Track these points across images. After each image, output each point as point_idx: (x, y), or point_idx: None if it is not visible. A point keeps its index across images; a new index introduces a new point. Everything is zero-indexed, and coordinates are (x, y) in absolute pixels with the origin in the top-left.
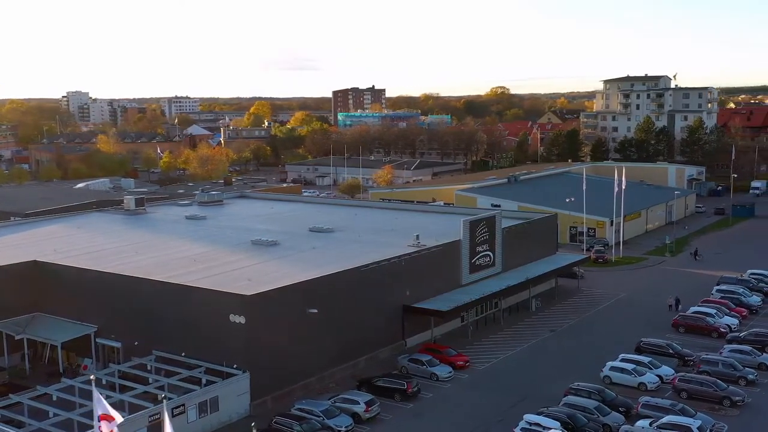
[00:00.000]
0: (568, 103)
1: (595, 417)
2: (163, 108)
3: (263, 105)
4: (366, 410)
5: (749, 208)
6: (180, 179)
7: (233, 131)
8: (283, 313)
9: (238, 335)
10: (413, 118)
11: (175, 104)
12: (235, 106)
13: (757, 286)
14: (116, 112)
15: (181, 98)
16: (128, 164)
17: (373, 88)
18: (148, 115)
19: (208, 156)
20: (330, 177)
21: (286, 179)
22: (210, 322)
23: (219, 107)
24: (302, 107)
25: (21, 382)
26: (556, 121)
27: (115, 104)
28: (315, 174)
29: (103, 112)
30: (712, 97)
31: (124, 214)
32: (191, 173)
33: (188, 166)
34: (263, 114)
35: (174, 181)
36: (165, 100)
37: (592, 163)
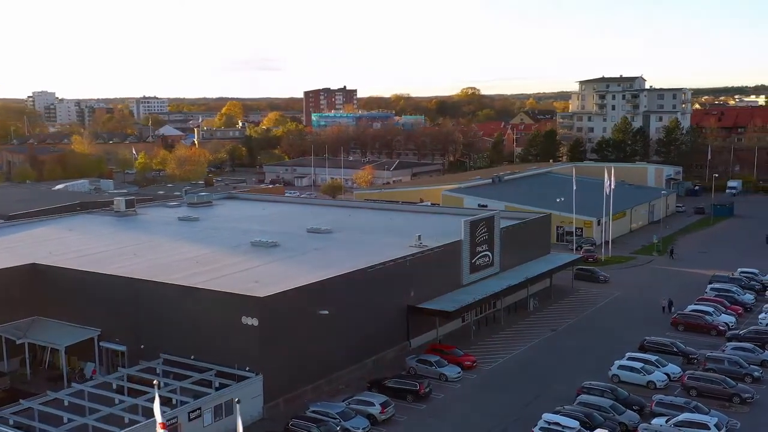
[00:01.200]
0: (536, 104)
1: (611, 416)
2: (131, 108)
3: (235, 105)
4: (381, 411)
5: (729, 207)
6: (157, 180)
7: (207, 132)
8: (295, 315)
9: (250, 337)
10: (387, 118)
11: (143, 104)
12: (203, 106)
13: (748, 284)
14: (84, 113)
15: (150, 98)
16: (103, 165)
17: (344, 89)
18: (116, 115)
19: (186, 157)
20: (309, 178)
21: (264, 180)
22: (221, 324)
23: (187, 107)
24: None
25: (22, 387)
26: (528, 121)
27: (82, 104)
28: (293, 175)
29: (70, 112)
30: (686, 98)
31: (114, 215)
32: (169, 174)
33: (166, 167)
34: (235, 114)
35: (151, 182)
36: (133, 101)
37: (573, 163)
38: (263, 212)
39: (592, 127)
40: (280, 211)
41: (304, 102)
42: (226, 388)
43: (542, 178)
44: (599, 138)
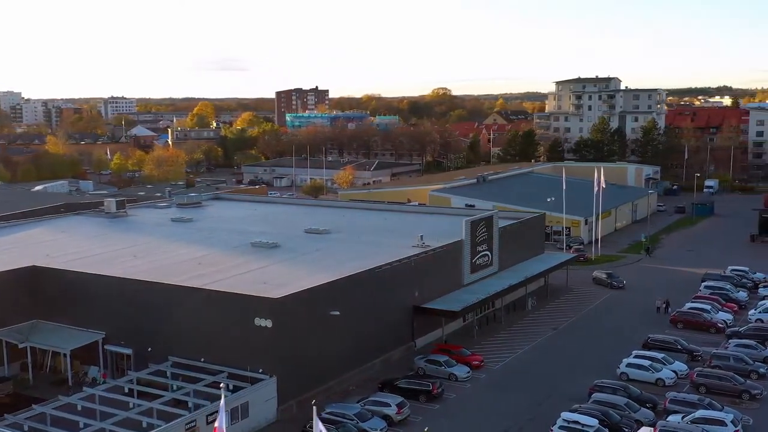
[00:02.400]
0: (506, 105)
1: (626, 413)
2: (99, 108)
3: (206, 106)
4: (398, 412)
5: (709, 206)
6: (134, 181)
7: (181, 132)
8: (307, 316)
9: (264, 339)
10: (362, 119)
11: (111, 105)
12: (171, 107)
13: (740, 282)
14: (50, 113)
15: (118, 99)
16: (78, 166)
17: (316, 89)
18: (85, 115)
19: (164, 157)
20: (288, 178)
21: (242, 181)
22: (232, 326)
23: (155, 108)
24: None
25: (25, 392)
26: (501, 122)
27: (49, 105)
28: (272, 175)
29: (37, 112)
30: (661, 99)
31: (105, 217)
32: (147, 175)
33: (143, 167)
34: (207, 115)
35: (128, 182)
36: (99, 101)
37: (553, 163)
38: (254, 213)
39: (568, 127)
40: (271, 212)
41: (275, 102)
42: (241, 391)
43: (525, 177)
44: (576, 138)
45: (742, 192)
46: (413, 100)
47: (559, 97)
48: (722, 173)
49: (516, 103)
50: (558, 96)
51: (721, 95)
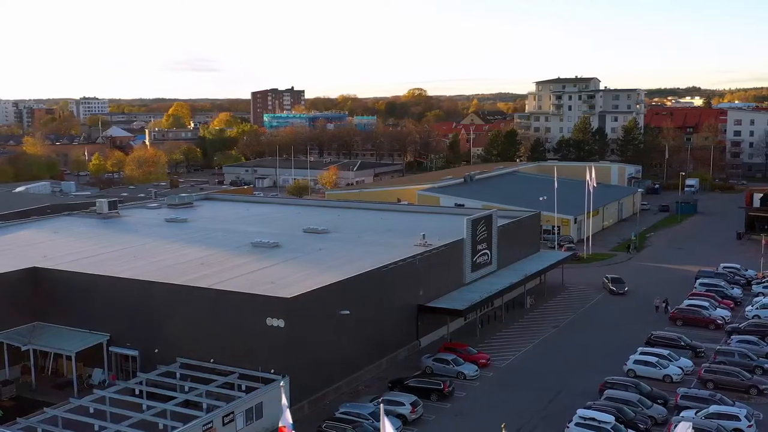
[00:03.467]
0: (481, 105)
1: (639, 410)
2: (71, 109)
3: (182, 106)
4: (412, 411)
5: (693, 205)
6: (115, 182)
7: (158, 133)
8: (319, 315)
9: (276, 339)
10: (341, 119)
11: (84, 105)
12: (144, 107)
13: (733, 279)
14: (22, 114)
15: (90, 99)
16: (56, 167)
17: (292, 89)
18: (58, 116)
19: (145, 158)
20: (270, 179)
21: (223, 181)
22: (244, 326)
23: (128, 108)
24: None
25: (29, 395)
26: (479, 122)
27: (20, 105)
28: (254, 176)
29: (8, 113)
30: (640, 99)
31: (97, 217)
32: (127, 176)
33: (124, 168)
34: (183, 115)
35: (109, 183)
36: (71, 101)
37: (537, 162)
38: (248, 213)
39: (549, 127)
40: (265, 212)
41: (251, 102)
42: (255, 391)
43: (510, 177)
44: (557, 138)
45: (721, 191)
46: (390, 100)
47: (539, 97)
48: (701, 172)
49: (489, 104)
50: (538, 96)
51: (691, 96)
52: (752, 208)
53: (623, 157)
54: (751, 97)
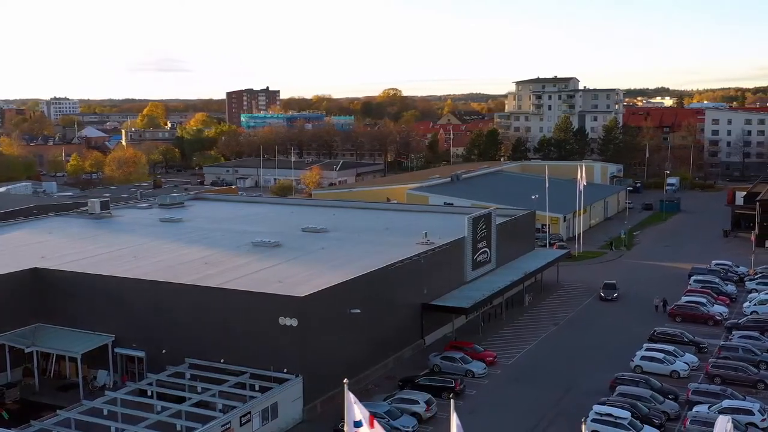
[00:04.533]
0: (456, 105)
1: (652, 405)
2: (42, 109)
3: (157, 106)
4: (426, 409)
5: (676, 203)
6: (94, 182)
7: (135, 133)
8: (330, 314)
9: (289, 338)
10: (319, 119)
11: (54, 105)
12: (115, 108)
13: (726, 276)
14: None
15: (61, 99)
16: (34, 167)
17: (267, 90)
18: (29, 116)
19: (125, 158)
20: (252, 179)
21: (204, 182)
22: (255, 325)
23: (100, 108)
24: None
25: (32, 398)
26: (455, 122)
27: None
28: (235, 176)
29: None
30: (619, 99)
31: (90, 217)
32: (107, 176)
33: (104, 169)
34: (157, 116)
35: (89, 184)
36: (41, 102)
37: (520, 162)
38: (241, 212)
39: (529, 126)
40: (258, 212)
41: (227, 103)
42: (270, 391)
43: (496, 176)
44: (537, 137)
45: (701, 189)
46: (365, 100)
47: (519, 97)
48: (682, 171)
49: (461, 104)
50: (518, 96)
51: (661, 96)
52: (738, 206)
53: (603, 157)
54: (719, 97)
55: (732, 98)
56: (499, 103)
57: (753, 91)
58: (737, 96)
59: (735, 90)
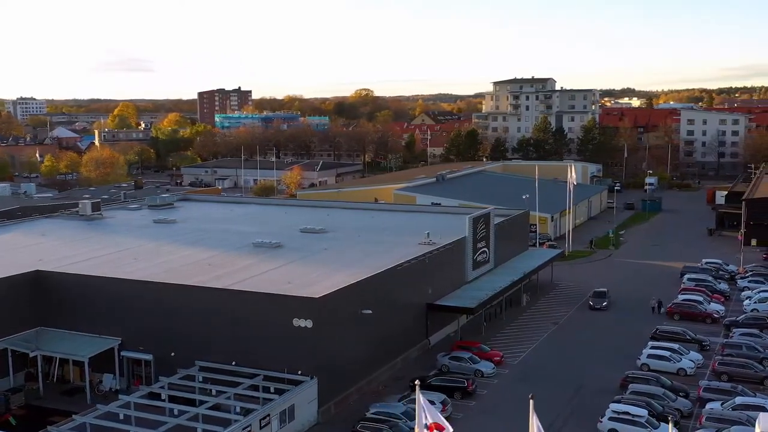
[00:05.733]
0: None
1: (666, 403)
2: (9, 109)
3: (128, 106)
4: (443, 410)
5: (657, 202)
6: (70, 183)
7: (109, 133)
8: (344, 315)
9: (304, 340)
10: (294, 119)
11: (21, 106)
12: (83, 108)
13: (718, 274)
14: None
15: (27, 99)
16: (8, 168)
17: (239, 90)
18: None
19: (102, 159)
20: (231, 179)
21: (182, 182)
22: (268, 327)
23: (67, 109)
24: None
25: (37, 403)
26: (429, 122)
27: None
28: (214, 176)
29: None
30: (595, 99)
31: (80, 219)
32: (84, 177)
33: (81, 169)
34: (128, 116)
35: (66, 185)
36: (9, 102)
37: (502, 162)
38: (233, 213)
39: (507, 126)
40: (250, 212)
41: (198, 103)
42: (287, 393)
43: (479, 176)
44: (515, 137)
45: (679, 189)
46: (338, 100)
47: (496, 97)
48: (660, 171)
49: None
50: (495, 96)
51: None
52: (722, 205)
53: (581, 157)
54: (684, 98)
55: (697, 99)
56: (468, 103)
57: (717, 92)
58: (702, 97)
59: (699, 91)
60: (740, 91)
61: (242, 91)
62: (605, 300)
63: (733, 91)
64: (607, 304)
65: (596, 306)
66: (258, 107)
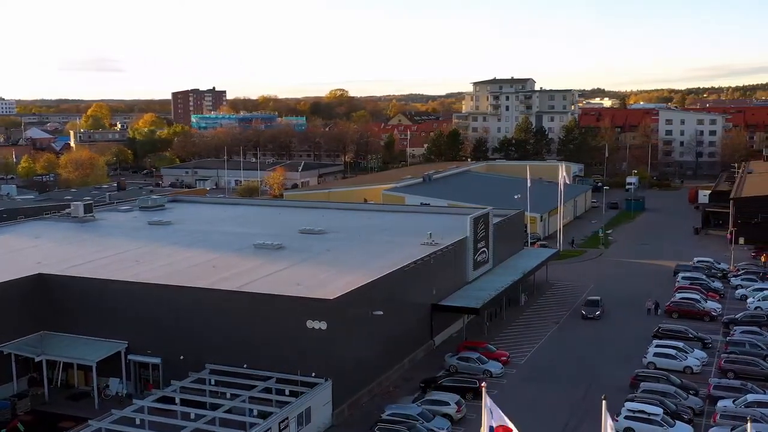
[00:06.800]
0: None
1: (678, 401)
2: None
3: (101, 107)
4: (457, 411)
5: (641, 202)
6: (49, 185)
7: (84, 134)
8: (356, 317)
9: (317, 342)
10: (272, 120)
11: None
12: (53, 108)
13: (710, 272)
14: None
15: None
16: None
17: (214, 90)
18: None
19: (82, 160)
20: (212, 180)
21: (161, 183)
22: (281, 329)
23: (36, 109)
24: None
25: (42, 409)
26: (406, 122)
27: None
28: (195, 177)
29: None
30: (574, 99)
31: (73, 221)
32: (63, 178)
33: (60, 170)
34: (102, 116)
35: (45, 186)
36: None
37: (486, 162)
38: (227, 214)
39: (487, 126)
40: (244, 213)
41: (172, 103)
42: (304, 396)
43: (465, 176)
44: (495, 137)
45: (659, 188)
46: (314, 101)
47: (476, 97)
48: (640, 170)
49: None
50: (475, 96)
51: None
52: (707, 204)
53: (562, 156)
54: (654, 98)
55: (666, 99)
56: (441, 104)
57: (686, 92)
58: (671, 97)
59: (668, 91)
60: (708, 91)
61: (217, 92)
62: (598, 309)
63: (701, 91)
64: (600, 313)
65: (589, 315)
66: (233, 107)
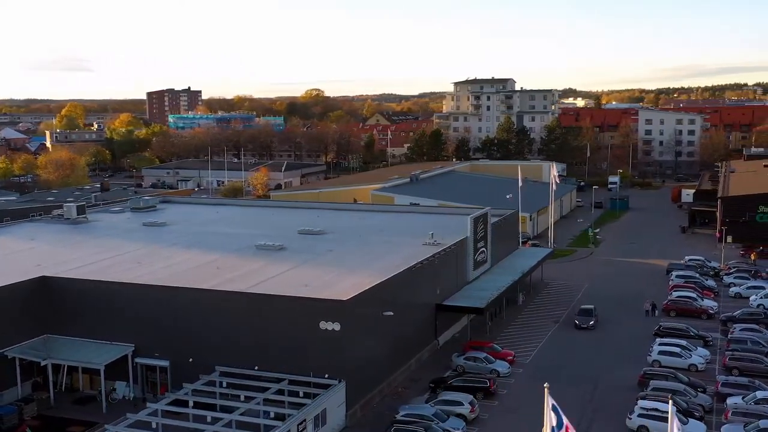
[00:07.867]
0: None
1: (689, 399)
2: None
3: (76, 107)
4: (471, 410)
5: (625, 201)
6: (28, 186)
7: (61, 134)
8: (368, 317)
9: (330, 343)
10: (250, 120)
11: None
12: (23, 108)
13: (703, 271)
14: None
15: None
16: None
17: (189, 90)
18: None
19: (62, 161)
20: (194, 181)
21: (142, 184)
22: (293, 331)
23: (7, 109)
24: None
25: (50, 412)
26: (384, 122)
27: None
28: (176, 178)
29: None
30: (554, 99)
31: (66, 223)
32: (43, 179)
33: (40, 171)
34: (76, 116)
35: (24, 188)
36: None
37: (470, 161)
38: (220, 215)
39: (468, 126)
40: (238, 214)
41: (147, 103)
42: (319, 397)
43: (450, 176)
44: (476, 137)
45: (641, 187)
46: (289, 101)
47: (457, 97)
48: (619, 170)
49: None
50: (456, 96)
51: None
52: (693, 203)
53: (543, 156)
54: (626, 98)
55: (638, 99)
56: (414, 103)
57: (656, 92)
58: (642, 97)
59: (639, 91)
60: (678, 91)
61: (192, 91)
62: (592, 318)
63: (671, 91)
64: (594, 323)
65: (582, 325)
66: (209, 107)
